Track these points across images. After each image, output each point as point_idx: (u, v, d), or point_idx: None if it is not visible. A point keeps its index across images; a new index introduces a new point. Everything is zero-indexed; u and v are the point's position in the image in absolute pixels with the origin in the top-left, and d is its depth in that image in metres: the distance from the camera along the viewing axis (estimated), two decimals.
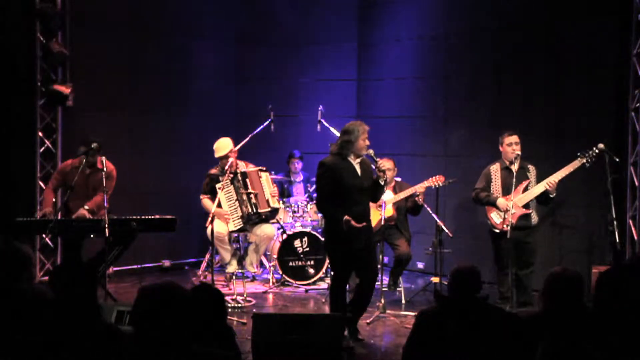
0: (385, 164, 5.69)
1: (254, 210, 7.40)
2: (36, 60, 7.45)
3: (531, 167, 6.59)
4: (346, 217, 5.47)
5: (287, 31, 9.37)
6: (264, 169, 7.74)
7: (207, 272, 7.66)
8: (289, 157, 8.71)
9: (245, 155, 7.82)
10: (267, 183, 7.61)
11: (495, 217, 6.58)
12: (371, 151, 5.62)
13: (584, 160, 6.30)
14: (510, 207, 6.32)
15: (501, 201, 6.51)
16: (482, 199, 6.68)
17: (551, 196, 6.41)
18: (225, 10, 9.13)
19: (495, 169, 6.69)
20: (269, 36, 9.33)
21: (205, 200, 7.53)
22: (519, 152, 6.52)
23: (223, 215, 7.35)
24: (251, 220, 7.50)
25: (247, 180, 7.43)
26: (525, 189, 6.48)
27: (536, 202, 6.55)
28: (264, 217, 7.61)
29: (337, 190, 5.56)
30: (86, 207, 6.65)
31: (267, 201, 7.53)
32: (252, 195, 7.38)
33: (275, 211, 7.75)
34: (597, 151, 6.30)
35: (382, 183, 5.66)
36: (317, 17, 9.40)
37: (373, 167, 5.72)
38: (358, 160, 5.65)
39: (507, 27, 7.97)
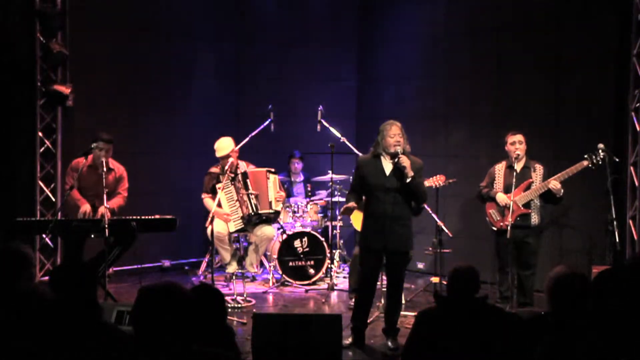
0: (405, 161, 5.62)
1: (255, 210, 7.39)
2: (36, 60, 7.45)
3: (538, 166, 6.56)
4: (346, 205, 5.73)
5: (287, 31, 9.37)
6: (273, 170, 7.73)
7: (207, 272, 7.66)
8: (289, 157, 8.72)
9: (245, 155, 7.82)
10: (273, 185, 7.60)
11: (493, 214, 6.59)
12: (398, 148, 5.59)
13: (589, 163, 6.28)
14: (508, 203, 6.33)
15: (500, 196, 6.52)
16: (483, 195, 6.70)
17: (557, 196, 6.39)
18: (225, 11, 9.13)
19: (500, 167, 6.70)
20: (269, 36, 9.33)
21: (207, 200, 7.52)
22: (519, 152, 6.51)
23: (222, 215, 7.34)
24: (252, 221, 7.49)
25: (248, 180, 7.42)
26: (528, 188, 6.48)
27: (540, 202, 6.52)
28: (264, 217, 7.60)
29: (363, 187, 5.74)
30: (107, 205, 6.57)
31: (270, 203, 7.51)
32: (252, 196, 7.36)
33: (276, 214, 7.74)
34: (602, 155, 6.27)
35: (407, 181, 5.56)
36: (317, 17, 9.40)
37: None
38: (393, 160, 5.65)
39: (507, 27, 7.97)
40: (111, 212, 6.58)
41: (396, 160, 5.59)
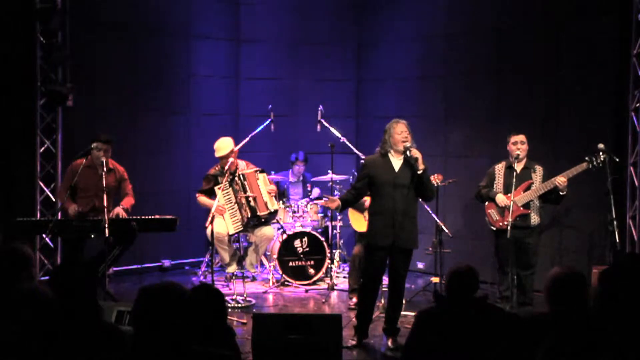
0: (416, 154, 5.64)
1: (253, 213, 7.36)
2: (36, 60, 7.45)
3: (538, 168, 6.56)
4: (331, 198, 5.94)
5: (287, 31, 9.37)
6: (261, 169, 7.71)
7: (207, 272, 7.66)
8: (295, 158, 8.60)
9: (245, 155, 7.82)
10: (264, 184, 7.57)
11: (492, 214, 6.60)
12: (407, 144, 5.61)
13: (590, 165, 6.29)
14: (507, 204, 6.33)
15: (500, 197, 6.52)
16: (482, 195, 6.70)
17: (562, 194, 6.38)
18: (225, 10, 9.14)
19: (499, 168, 6.70)
20: (269, 36, 9.33)
21: (201, 198, 7.46)
22: (520, 153, 6.51)
23: (219, 208, 7.11)
24: (250, 223, 7.46)
25: (246, 182, 7.40)
26: (528, 189, 6.48)
27: (541, 202, 6.52)
28: (263, 220, 7.58)
29: (371, 184, 5.75)
30: (122, 206, 6.70)
31: (266, 204, 7.49)
32: (250, 199, 7.34)
33: (274, 214, 7.71)
34: (602, 157, 6.27)
35: (419, 172, 5.57)
36: (317, 17, 9.40)
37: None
38: (401, 157, 5.68)
39: (507, 26, 7.97)
40: (125, 211, 6.69)
41: (407, 153, 5.60)
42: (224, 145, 7.43)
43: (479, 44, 8.25)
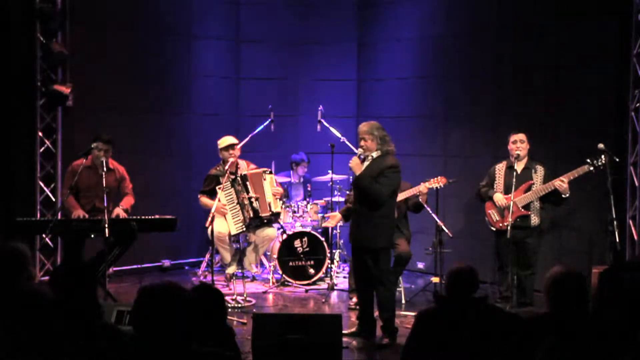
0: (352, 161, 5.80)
1: (255, 214, 7.36)
2: (36, 60, 7.45)
3: (539, 168, 6.56)
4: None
5: (287, 31, 9.36)
6: (268, 170, 7.71)
7: (207, 272, 7.66)
8: (301, 160, 8.57)
9: (245, 155, 7.82)
10: (269, 185, 7.58)
11: (492, 214, 6.60)
12: (359, 150, 5.84)
13: (591, 168, 6.30)
14: (505, 204, 6.33)
15: (497, 196, 6.53)
16: (482, 194, 6.71)
17: (564, 196, 6.39)
18: (225, 10, 9.13)
19: (500, 167, 6.70)
20: (269, 36, 9.33)
21: (204, 199, 7.49)
22: (519, 152, 6.51)
23: (220, 209, 7.10)
24: (252, 224, 7.46)
25: (248, 183, 7.40)
26: (528, 190, 6.47)
27: (540, 203, 6.52)
28: (265, 221, 7.58)
29: None
30: (122, 206, 6.74)
31: (269, 204, 7.49)
32: (252, 199, 7.34)
33: (276, 215, 7.71)
34: (604, 159, 6.28)
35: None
36: (317, 17, 9.39)
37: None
38: (373, 156, 5.82)
39: (507, 27, 7.97)
40: (125, 211, 6.72)
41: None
42: (228, 138, 7.47)
43: (479, 43, 8.24)
